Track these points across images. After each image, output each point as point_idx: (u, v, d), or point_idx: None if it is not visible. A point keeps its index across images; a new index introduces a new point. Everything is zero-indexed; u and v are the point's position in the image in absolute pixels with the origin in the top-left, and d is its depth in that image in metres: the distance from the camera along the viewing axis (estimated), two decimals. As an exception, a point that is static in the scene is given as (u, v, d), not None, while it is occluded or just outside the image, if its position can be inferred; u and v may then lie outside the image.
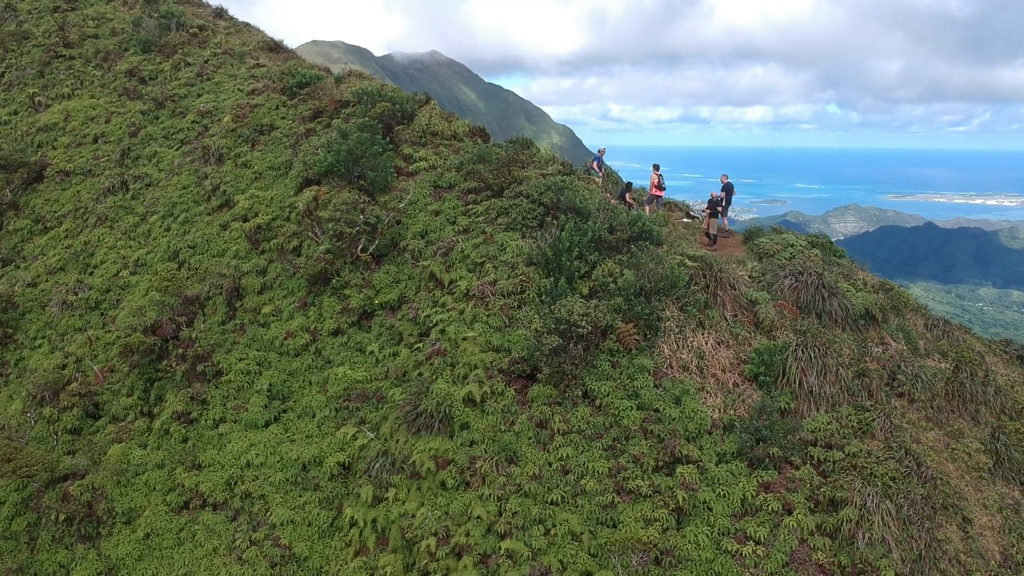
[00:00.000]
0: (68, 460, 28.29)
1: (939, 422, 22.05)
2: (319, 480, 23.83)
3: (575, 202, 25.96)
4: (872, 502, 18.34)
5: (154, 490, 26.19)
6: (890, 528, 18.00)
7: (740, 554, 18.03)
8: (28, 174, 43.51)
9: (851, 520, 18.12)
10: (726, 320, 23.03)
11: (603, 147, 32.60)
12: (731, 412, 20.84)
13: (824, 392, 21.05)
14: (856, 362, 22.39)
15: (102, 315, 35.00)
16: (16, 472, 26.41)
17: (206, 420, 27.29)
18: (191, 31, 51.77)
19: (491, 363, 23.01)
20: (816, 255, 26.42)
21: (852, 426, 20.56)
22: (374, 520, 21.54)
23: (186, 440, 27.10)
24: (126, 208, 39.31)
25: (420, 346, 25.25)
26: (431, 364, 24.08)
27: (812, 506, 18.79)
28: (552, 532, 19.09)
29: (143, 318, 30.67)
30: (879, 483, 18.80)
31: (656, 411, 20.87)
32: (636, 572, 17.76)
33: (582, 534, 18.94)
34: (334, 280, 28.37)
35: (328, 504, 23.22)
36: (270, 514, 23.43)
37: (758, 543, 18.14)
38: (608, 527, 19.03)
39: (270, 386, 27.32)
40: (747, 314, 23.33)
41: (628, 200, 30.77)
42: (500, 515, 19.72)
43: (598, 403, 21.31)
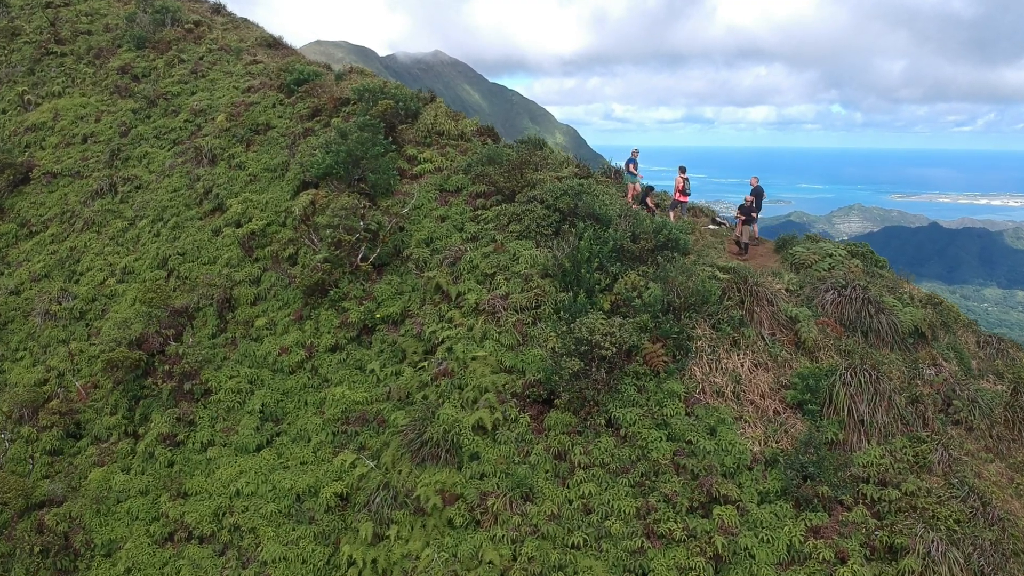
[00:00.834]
0: (45, 485, 26.23)
1: (1000, 452, 19.85)
2: (314, 512, 21.70)
3: (594, 208, 23.80)
4: (937, 549, 16.15)
5: (136, 519, 24.12)
6: (959, 581, 15.86)
7: (789, 611, 15.91)
8: (14, 176, 41.42)
9: (914, 571, 15.94)
10: (763, 339, 20.85)
11: (636, 148, 30.28)
12: (773, 444, 18.66)
13: (876, 421, 18.85)
14: (908, 386, 20.20)
15: (87, 326, 32.92)
16: (-13, 500, 24.39)
17: (193, 443, 25.19)
18: (186, 27, 49.73)
19: (503, 386, 20.88)
20: (857, 266, 24.24)
21: (908, 460, 18.38)
22: (374, 561, 19.38)
23: (172, 464, 25.00)
24: (114, 212, 37.23)
25: (425, 365, 23.12)
26: (437, 386, 21.95)
27: (868, 553, 16.59)
28: (574, 582, 16.98)
29: (128, 331, 28.59)
30: (943, 527, 16.63)
31: (689, 443, 18.70)
32: (671, 632, 15.63)
33: (608, 585, 16.82)
34: (332, 291, 26.23)
35: (324, 539, 21.09)
36: (261, 549, 21.30)
37: (809, 598, 16.02)
38: (637, 576, 16.93)
39: (262, 406, 25.21)
40: (786, 332, 21.14)
41: (650, 205, 28.61)
42: (515, 560, 17.56)
43: (623, 433, 19.16)
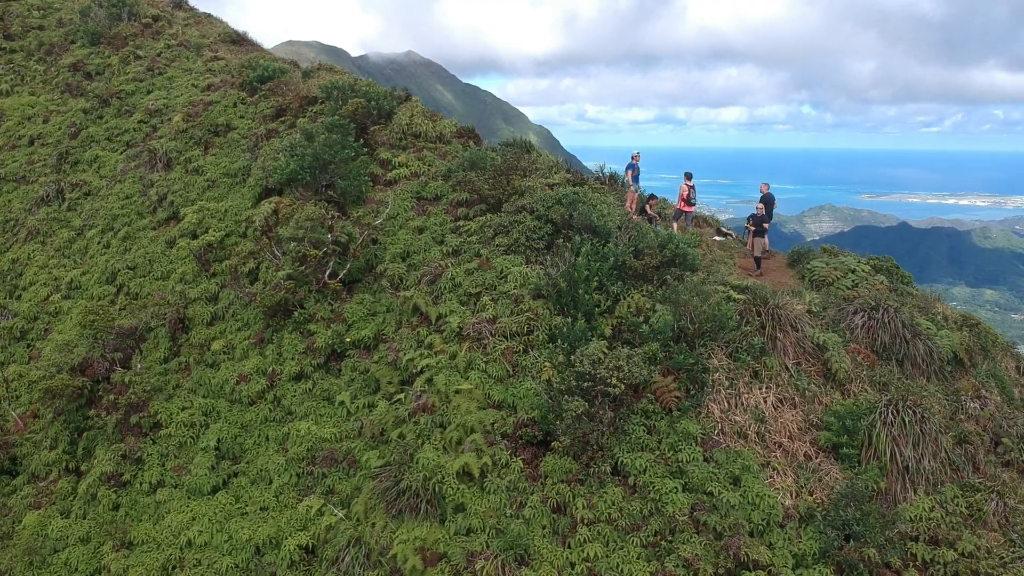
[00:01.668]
0: (-28, 533, 23.27)
1: (1056, 498, 17.45)
2: (276, 568, 18.89)
3: (591, 219, 21.16)
4: (1006, 625, 13.72)
5: (75, 572, 21.21)
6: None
7: None
8: (-46, 181, 38.20)
9: (981, 652, 13.53)
10: (788, 370, 18.31)
11: (637, 151, 27.46)
12: (807, 497, 16.11)
13: (923, 468, 16.39)
14: (952, 423, 17.76)
15: (28, 347, 29.94)
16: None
17: (141, 483, 22.29)
18: (144, 21, 46.58)
19: (492, 425, 18.20)
20: (882, 282, 21.82)
21: (960, 512, 15.97)
22: (344, 632, 16.72)
23: (116, 508, 22.09)
24: (61, 221, 34.18)
25: (401, 398, 20.39)
26: (415, 423, 19.23)
27: (925, 630, 14.15)
28: (581, 668, 14.36)
29: (71, 355, 25.68)
30: (1009, 596, 14.20)
31: (709, 495, 16.10)
32: None
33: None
34: (296, 312, 23.42)
35: (287, 602, 18.38)
36: (215, 613, 18.57)
37: None
38: (655, 660, 14.34)
39: (218, 442, 22.37)
40: (813, 362, 18.62)
41: (649, 213, 26.03)
42: (509, 637, 14.95)
43: (632, 482, 16.54)
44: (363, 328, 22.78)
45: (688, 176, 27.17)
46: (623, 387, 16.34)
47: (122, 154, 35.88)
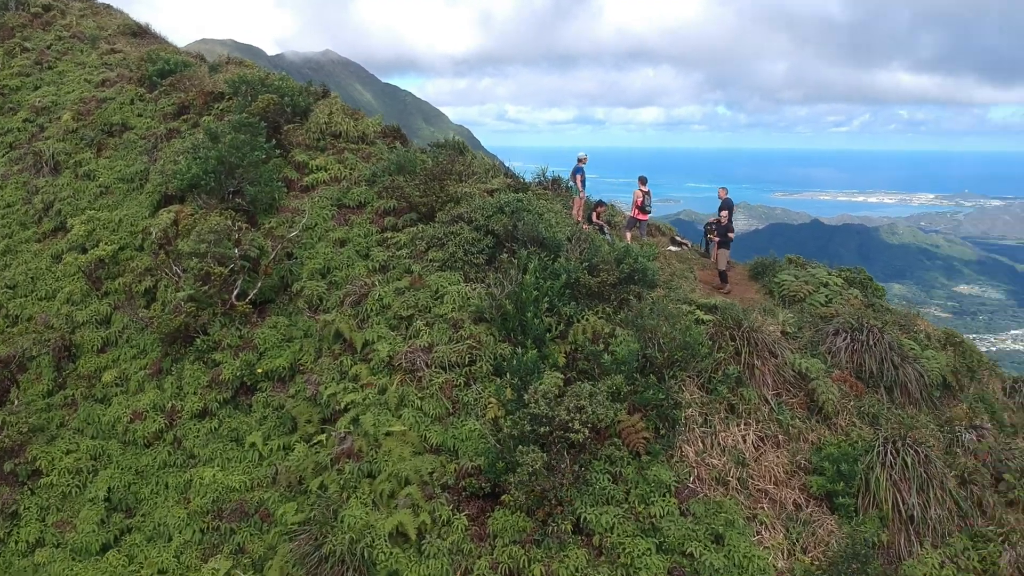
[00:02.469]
0: None
1: (1062, 539, 15.55)
2: (176, 647, 15.96)
3: (538, 230, 18.62)
4: None
5: (-65, 655, 17.90)
6: None
7: None
8: None
9: None
10: (768, 403, 16.05)
11: (583, 153, 24.86)
12: (802, 557, 13.82)
13: (929, 516, 14.27)
14: (950, 457, 15.73)
15: None
16: None
17: (17, 542, 18.92)
18: (34, 11, 42.45)
19: (430, 475, 15.48)
20: (856, 296, 19.84)
21: (973, 567, 13.90)
22: None
23: (-14, 573, 18.80)
24: (-69, 233, 30.23)
25: (323, 440, 17.52)
26: (339, 472, 16.38)
27: None
28: None
29: (-65, 389, 22.14)
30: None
31: (689, 556, 13.65)
32: None
33: None
34: (199, 339, 20.33)
35: None
36: None
37: None
38: None
39: (109, 492, 19.14)
40: (796, 392, 16.41)
41: (597, 222, 23.60)
42: None
43: (598, 542, 14.00)
44: (277, 357, 19.83)
45: (642, 180, 24.73)
46: (587, 432, 13.82)
47: (3, 157, 31.98)
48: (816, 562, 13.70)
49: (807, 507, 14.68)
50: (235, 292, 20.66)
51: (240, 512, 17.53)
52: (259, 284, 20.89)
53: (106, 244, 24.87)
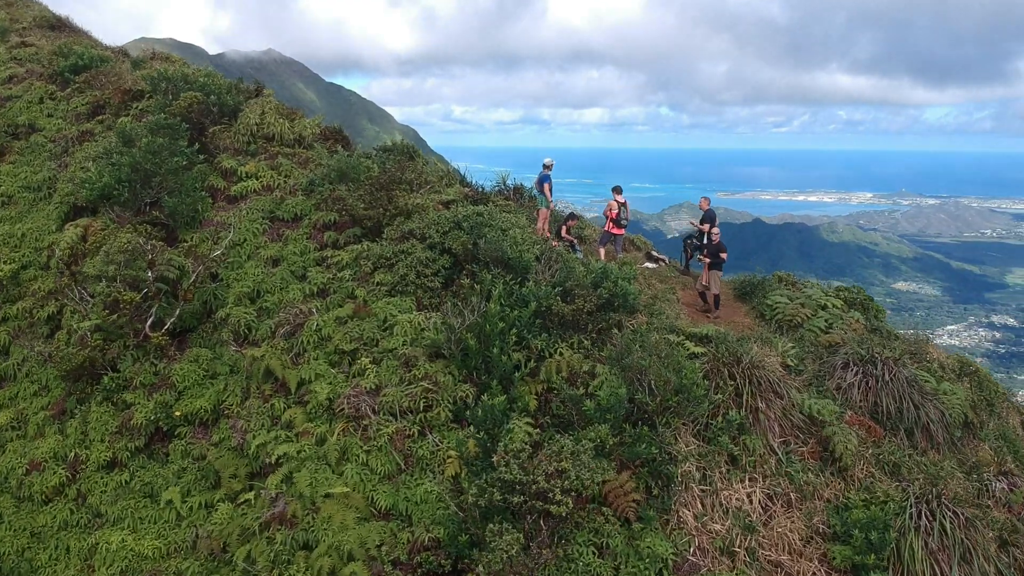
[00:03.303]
0: None
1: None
2: None
3: (503, 249, 16.11)
4: None
5: None
6: None
7: None
8: None
9: None
10: (775, 453, 13.77)
11: (550, 159, 22.26)
12: (830, 648, 11.59)
13: (971, 590, 12.11)
14: (984, 514, 13.60)
15: None
16: None
17: None
18: (-64, 0, 38.86)
19: (378, 547, 12.89)
20: (858, 320, 17.69)
21: (1025, 653, 11.74)
22: None
23: None
24: None
25: (251, 499, 14.84)
26: (270, 542, 13.73)
27: None
28: None
29: None
30: None
31: (694, 651, 11.38)
32: None
33: None
34: (107, 377, 17.45)
35: None
36: None
37: None
38: None
39: (0, 558, 16.33)
40: (805, 438, 14.15)
41: (566, 237, 21.17)
42: None
43: (583, 633, 11.63)
44: (198, 397, 17.03)
45: (617, 190, 22.25)
46: (570, 504, 11.37)
47: None
48: (845, 654, 11.46)
49: (830, 582, 12.43)
50: (149, 321, 17.80)
51: (153, 585, 14.80)
52: (178, 311, 18.06)
53: (6, 262, 21.78)
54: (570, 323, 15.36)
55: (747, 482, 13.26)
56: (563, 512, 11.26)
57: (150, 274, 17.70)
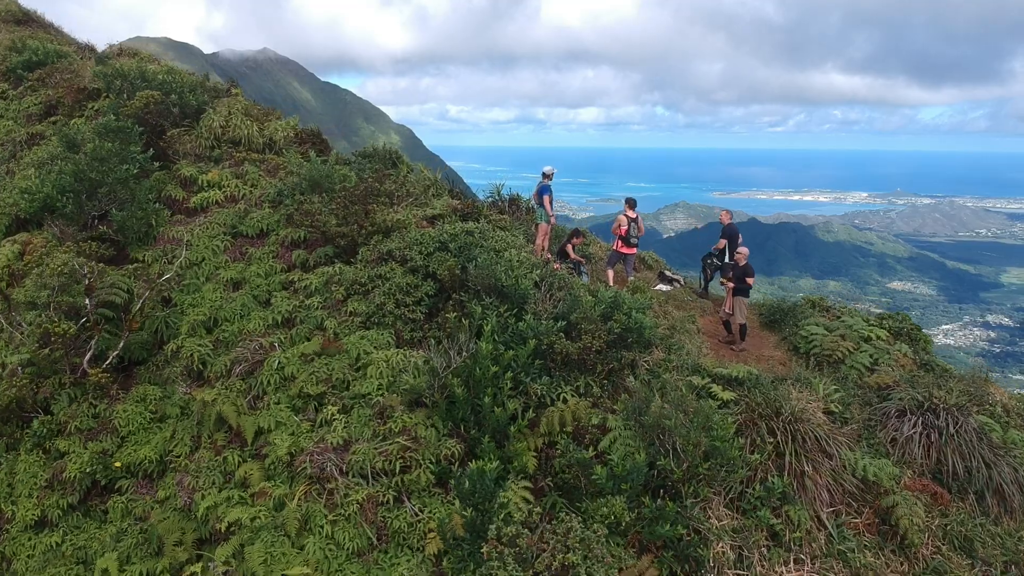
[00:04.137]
0: None
1: None
2: None
3: (496, 274, 13.76)
4: None
5: None
6: None
7: None
8: None
9: None
10: (824, 527, 11.45)
11: (550, 167, 19.66)
12: None
13: None
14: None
15: None
16: None
17: None
18: None
19: (345, 646, 10.61)
20: (906, 355, 15.38)
21: None
22: None
23: None
24: None
25: (197, 572, 12.51)
26: (217, 632, 11.42)
27: None
28: None
29: None
30: None
31: None
32: None
33: None
34: (37, 421, 15.07)
35: None
36: None
37: None
38: None
39: (-91, 635, 13.97)
40: (859, 507, 11.84)
41: (572, 257, 18.79)
42: None
43: None
44: (143, 445, 14.66)
45: (630, 204, 19.79)
46: (581, 606, 9.05)
47: None
48: None
49: None
50: (88, 355, 15.39)
51: (82, 675, 12.47)
52: (122, 342, 15.68)
53: (-65, 282, 19.39)
54: (576, 363, 13.02)
55: (792, 564, 10.92)
56: (572, 620, 8.94)
57: (88, 302, 15.31)
